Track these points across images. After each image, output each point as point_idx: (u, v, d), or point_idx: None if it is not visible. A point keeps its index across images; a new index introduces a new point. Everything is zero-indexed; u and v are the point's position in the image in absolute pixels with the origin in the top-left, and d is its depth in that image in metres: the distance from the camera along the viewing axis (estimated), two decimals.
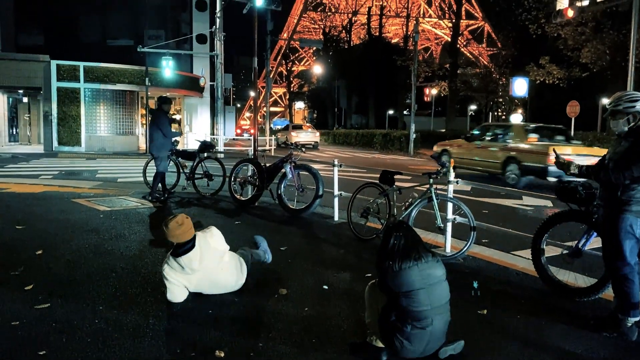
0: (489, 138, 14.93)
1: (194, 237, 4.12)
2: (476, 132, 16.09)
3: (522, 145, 13.36)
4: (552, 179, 11.84)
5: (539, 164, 12.48)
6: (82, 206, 8.45)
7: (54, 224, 7.03)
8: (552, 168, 11.75)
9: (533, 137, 13.62)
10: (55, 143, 23.67)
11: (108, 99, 24.53)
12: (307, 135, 31.77)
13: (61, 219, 7.33)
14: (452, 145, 16.57)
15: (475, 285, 4.46)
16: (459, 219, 5.97)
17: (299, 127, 34.82)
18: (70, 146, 23.73)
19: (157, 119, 9.25)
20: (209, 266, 4.16)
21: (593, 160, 10.30)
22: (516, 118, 29.21)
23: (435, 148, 17.36)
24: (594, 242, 4.38)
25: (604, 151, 7.37)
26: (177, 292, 4.07)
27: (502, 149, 13.83)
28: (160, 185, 9.43)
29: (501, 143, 14.12)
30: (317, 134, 33.27)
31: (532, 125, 14.60)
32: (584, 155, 11.97)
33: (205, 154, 10.14)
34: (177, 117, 31.47)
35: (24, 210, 7.98)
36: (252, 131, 52.74)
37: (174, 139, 9.64)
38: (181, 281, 4.08)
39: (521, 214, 9.01)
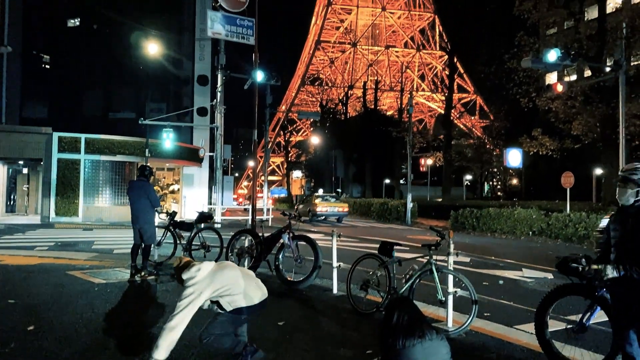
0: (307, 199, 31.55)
1: None
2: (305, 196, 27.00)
3: (314, 202, 28.36)
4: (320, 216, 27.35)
5: (314, 210, 27.56)
6: (77, 279, 8.32)
7: (48, 297, 6.89)
8: (318, 209, 27.49)
9: (318, 198, 28.98)
10: (52, 214, 23.62)
11: (107, 169, 24.77)
12: (333, 208, 27.78)
13: (55, 292, 7.19)
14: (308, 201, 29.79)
15: None
16: (460, 291, 5.89)
17: (322, 197, 30.45)
18: (67, 217, 23.67)
19: (148, 190, 8.87)
20: None
21: (339, 209, 27.93)
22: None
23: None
24: (599, 316, 4.30)
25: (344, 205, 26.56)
26: None
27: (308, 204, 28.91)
28: (138, 257, 8.75)
29: (308, 202, 30.05)
30: (346, 206, 28.95)
31: (318, 194, 29.66)
32: (334, 207, 27.78)
33: (203, 225, 10.11)
34: (175, 187, 31.67)
35: (17, 283, 7.84)
36: (240, 200, 52.51)
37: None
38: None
39: (522, 286, 8.89)
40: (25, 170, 28.68)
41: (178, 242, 10.07)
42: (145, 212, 8.80)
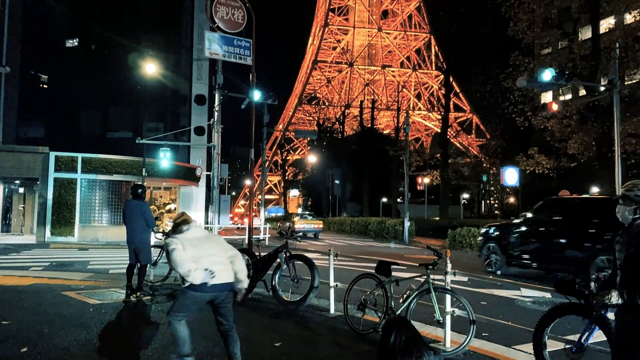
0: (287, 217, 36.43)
1: None
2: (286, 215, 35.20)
3: (294, 219, 32.27)
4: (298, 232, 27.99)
5: (293, 227, 29.77)
6: (72, 299, 8.24)
7: (42, 318, 6.82)
8: (297, 226, 30.41)
9: (297, 217, 33.59)
10: (48, 233, 23.49)
11: (104, 189, 24.72)
12: (309, 225, 32.08)
13: (49, 313, 7.12)
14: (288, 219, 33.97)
15: None
16: (457, 311, 5.85)
17: (300, 215, 35.22)
18: (63, 236, 23.54)
19: (144, 209, 8.82)
20: None
21: (315, 226, 32.69)
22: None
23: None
24: (598, 336, 4.27)
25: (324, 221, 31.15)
26: None
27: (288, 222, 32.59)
28: (134, 277, 8.70)
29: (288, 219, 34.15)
30: (321, 223, 33.69)
31: (297, 213, 34.23)
32: (311, 224, 31.70)
33: None
34: (172, 206, 31.58)
35: (11, 304, 7.76)
36: (235, 219, 52.80)
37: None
38: None
39: (520, 305, 8.84)
40: (21, 190, 28.60)
41: None
42: (141, 231, 8.73)
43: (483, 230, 14.76)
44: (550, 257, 11.78)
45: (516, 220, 13.85)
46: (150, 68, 27.08)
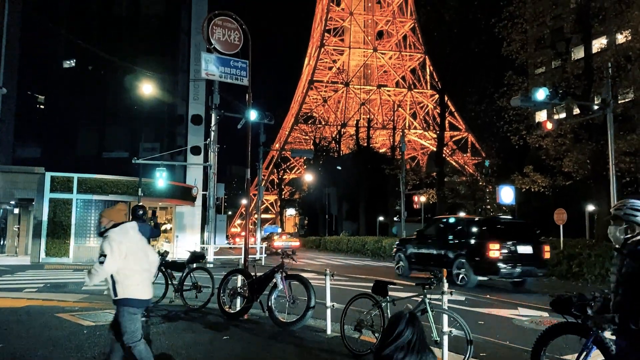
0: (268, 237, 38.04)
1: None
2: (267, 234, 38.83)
3: (273, 238, 36.27)
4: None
5: (272, 245, 33.32)
6: (66, 321, 8.15)
7: (35, 340, 6.74)
8: (275, 244, 33.73)
9: (277, 235, 37.74)
10: (42, 254, 23.30)
11: (100, 209, 24.57)
12: (287, 242, 35.95)
13: (43, 335, 7.04)
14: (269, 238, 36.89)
15: None
16: (455, 331, 5.81)
17: (278, 235, 40.07)
18: (57, 257, 23.35)
19: (144, 230, 8.95)
20: None
21: (293, 245, 35.77)
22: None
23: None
24: (596, 355, 4.24)
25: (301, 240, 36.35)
26: None
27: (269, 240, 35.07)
28: None
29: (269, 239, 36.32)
30: (298, 241, 38.67)
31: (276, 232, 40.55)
32: (288, 242, 34.99)
33: (195, 265, 10.00)
34: (168, 226, 31.45)
35: (4, 326, 7.67)
36: (235, 239, 53.13)
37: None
38: None
39: (517, 325, 8.79)
40: (16, 211, 28.45)
41: (170, 282, 9.94)
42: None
43: (395, 243, 19.37)
44: (429, 260, 15.56)
45: (413, 235, 18.23)
46: (147, 89, 27.21)
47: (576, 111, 24.06)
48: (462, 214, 27.23)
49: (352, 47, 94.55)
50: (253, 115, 15.28)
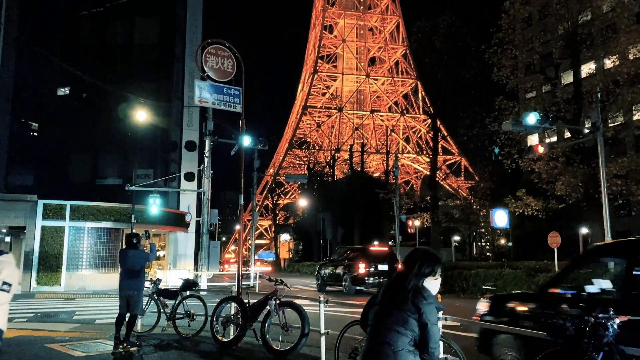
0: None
1: None
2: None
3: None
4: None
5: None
6: (56, 352, 8.01)
7: None
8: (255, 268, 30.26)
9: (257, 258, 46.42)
10: (33, 283, 22.99)
11: (92, 236, 24.42)
12: (261, 267, 42.77)
13: None
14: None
15: None
16: (450, 358, 5.75)
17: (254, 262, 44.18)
18: (49, 285, 23.04)
19: (140, 255, 8.86)
20: None
21: (265, 269, 44.43)
22: None
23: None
24: None
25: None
26: None
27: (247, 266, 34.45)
28: (121, 328, 8.47)
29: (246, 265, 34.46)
30: (270, 267, 48.27)
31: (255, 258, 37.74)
32: (261, 268, 40.64)
33: (188, 292, 9.90)
34: (161, 253, 31.21)
35: None
36: (229, 267, 53.78)
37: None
38: None
39: None
40: (7, 239, 28.16)
41: (162, 310, 9.82)
42: (137, 280, 8.72)
43: (317, 267, 27.01)
44: (333, 279, 22.20)
45: (326, 260, 26.97)
46: (141, 115, 27.30)
47: (567, 135, 24.32)
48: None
49: (345, 74, 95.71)
50: (246, 141, 15.33)
